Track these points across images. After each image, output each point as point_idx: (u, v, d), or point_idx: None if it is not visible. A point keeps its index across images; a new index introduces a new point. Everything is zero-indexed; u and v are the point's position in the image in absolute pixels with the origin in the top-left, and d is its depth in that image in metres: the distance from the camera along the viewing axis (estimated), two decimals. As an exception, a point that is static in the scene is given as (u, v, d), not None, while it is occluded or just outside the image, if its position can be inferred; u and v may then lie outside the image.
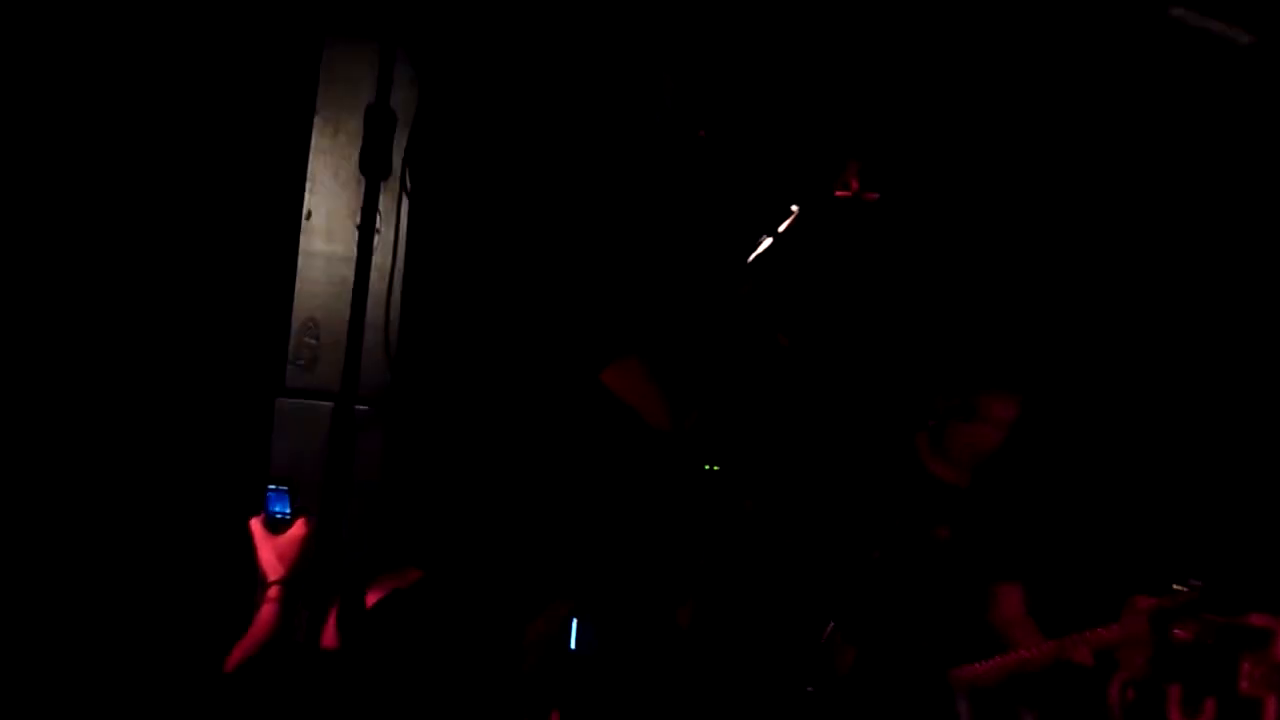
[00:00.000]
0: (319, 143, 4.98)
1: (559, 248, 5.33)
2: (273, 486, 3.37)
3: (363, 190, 3.33)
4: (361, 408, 4.22)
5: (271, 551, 3.32)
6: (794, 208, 4.51)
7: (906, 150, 5.21)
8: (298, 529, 3.36)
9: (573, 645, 4.73)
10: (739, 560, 4.84)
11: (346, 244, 4.81)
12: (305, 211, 4.99)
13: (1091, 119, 5.44)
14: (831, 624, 4.43)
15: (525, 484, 4.88)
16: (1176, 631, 4.45)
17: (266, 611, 3.27)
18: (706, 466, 4.37)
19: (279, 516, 3.34)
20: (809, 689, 4.43)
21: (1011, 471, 5.20)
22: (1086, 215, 5.73)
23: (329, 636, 3.11)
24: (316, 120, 4.95)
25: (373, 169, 3.36)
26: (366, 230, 3.32)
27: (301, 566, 3.30)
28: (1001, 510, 5.26)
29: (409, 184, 4.45)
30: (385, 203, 4.01)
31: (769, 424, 5.12)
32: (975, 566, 5.17)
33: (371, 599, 3.23)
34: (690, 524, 4.57)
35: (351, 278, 3.27)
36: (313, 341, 4.75)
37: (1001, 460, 5.12)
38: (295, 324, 4.82)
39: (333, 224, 4.97)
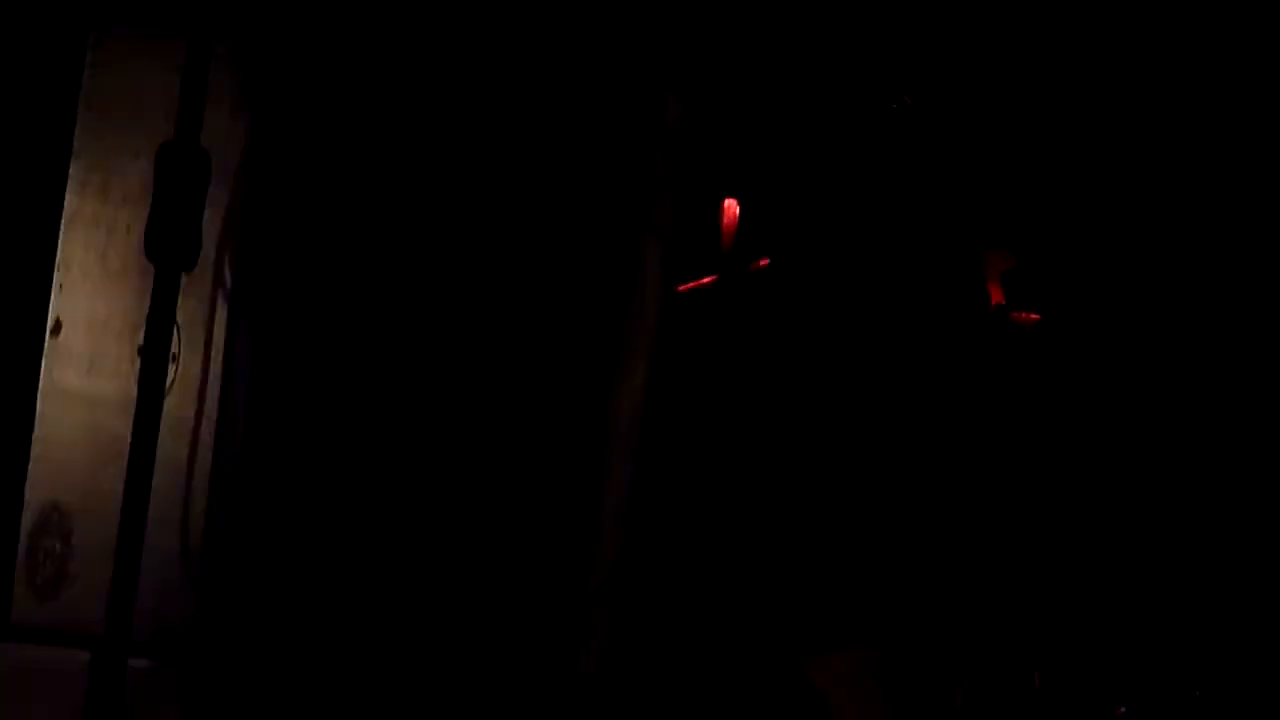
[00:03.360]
0: (77, 206, 3.14)
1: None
2: None
3: (150, 287, 2.20)
4: (139, 662, 2.61)
5: None
6: None
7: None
8: None
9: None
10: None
11: (120, 378, 3.14)
12: (51, 322, 3.12)
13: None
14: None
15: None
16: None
17: None
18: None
19: None
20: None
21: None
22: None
23: None
24: (73, 168, 3.14)
25: (168, 252, 2.19)
26: (155, 355, 2.17)
27: None
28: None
29: (232, 278, 3.07)
30: (189, 309, 2.94)
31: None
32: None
33: None
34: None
35: (127, 436, 2.14)
36: (57, 546, 3.20)
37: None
38: (27, 516, 3.11)
39: (97, 344, 3.17)
